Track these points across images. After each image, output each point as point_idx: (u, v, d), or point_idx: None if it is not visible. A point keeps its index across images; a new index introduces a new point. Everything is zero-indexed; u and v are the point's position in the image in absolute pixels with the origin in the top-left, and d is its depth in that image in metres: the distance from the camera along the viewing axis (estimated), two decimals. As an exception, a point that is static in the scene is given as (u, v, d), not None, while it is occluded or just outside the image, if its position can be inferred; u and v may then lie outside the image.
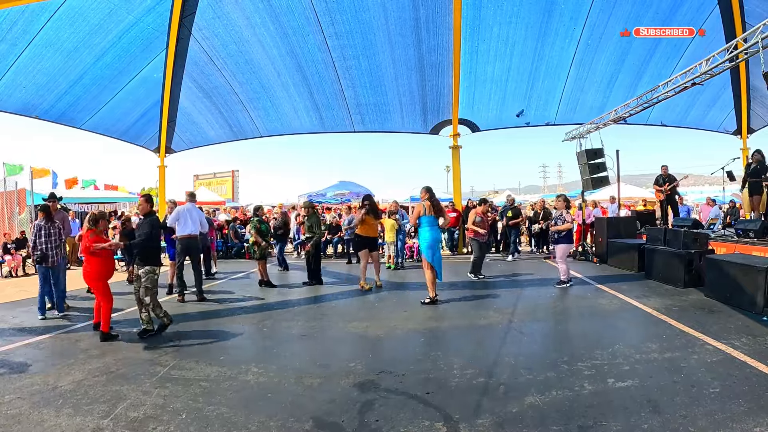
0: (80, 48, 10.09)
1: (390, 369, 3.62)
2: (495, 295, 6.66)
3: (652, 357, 3.70)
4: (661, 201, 10.91)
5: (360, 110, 13.55)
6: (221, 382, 3.36)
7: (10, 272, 9.95)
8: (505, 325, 4.92)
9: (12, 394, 3.24)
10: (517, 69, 12.11)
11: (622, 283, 7.20)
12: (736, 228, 8.03)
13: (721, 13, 10.51)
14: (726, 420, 2.57)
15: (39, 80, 10.42)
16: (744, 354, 3.64)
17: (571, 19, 10.80)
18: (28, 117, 11.29)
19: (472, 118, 13.41)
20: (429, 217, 6.07)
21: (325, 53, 11.52)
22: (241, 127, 14.53)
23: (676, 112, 13.88)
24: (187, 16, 10.60)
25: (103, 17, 9.64)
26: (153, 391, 3.26)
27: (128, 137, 13.85)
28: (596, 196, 14.93)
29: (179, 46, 11.28)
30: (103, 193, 17.62)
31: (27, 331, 5.15)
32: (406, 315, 5.47)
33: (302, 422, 2.71)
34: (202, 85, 12.75)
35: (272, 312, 5.89)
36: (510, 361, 3.74)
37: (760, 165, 8.57)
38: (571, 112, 13.33)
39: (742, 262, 5.42)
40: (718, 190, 12.60)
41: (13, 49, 9.40)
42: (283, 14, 10.55)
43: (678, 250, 6.85)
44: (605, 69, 12.13)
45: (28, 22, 9.05)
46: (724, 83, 12.55)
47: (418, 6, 10.49)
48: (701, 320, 4.78)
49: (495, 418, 2.73)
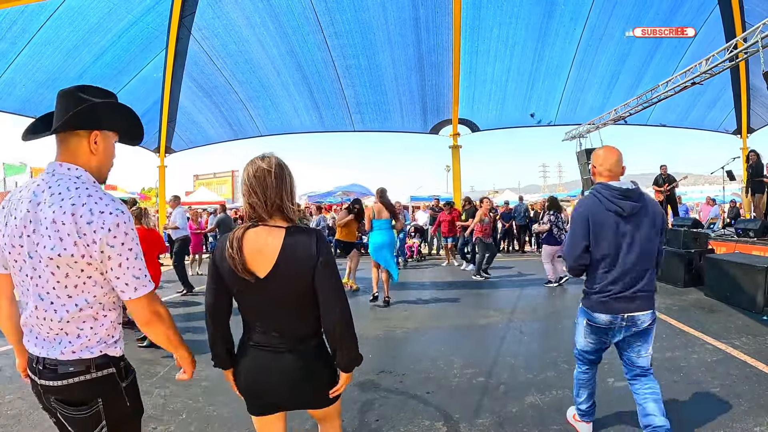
0: (80, 47, 10.08)
1: (390, 369, 3.62)
2: (495, 295, 6.66)
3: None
4: (660, 201, 10.91)
5: (360, 109, 13.54)
6: (222, 382, 3.34)
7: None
8: (505, 324, 4.92)
9: (12, 394, 3.24)
10: (517, 69, 12.10)
11: (622, 282, 7.20)
12: (735, 227, 8.04)
13: (721, 13, 10.51)
14: (726, 420, 2.57)
15: (38, 78, 10.42)
16: (744, 353, 3.64)
17: (571, 20, 10.80)
18: (27, 117, 11.29)
19: (472, 118, 13.41)
20: (377, 221, 5.96)
21: (325, 53, 11.52)
22: (241, 126, 14.52)
23: (676, 113, 13.88)
24: (187, 15, 10.60)
25: (103, 16, 9.64)
26: (153, 390, 3.26)
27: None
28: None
29: (179, 45, 11.27)
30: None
31: (27, 331, 5.15)
32: (406, 315, 5.47)
33: (302, 422, 2.71)
34: (202, 84, 12.74)
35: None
36: (510, 360, 3.74)
37: (756, 164, 8.60)
38: (572, 112, 13.32)
39: (741, 262, 5.43)
40: (718, 190, 12.60)
41: (12, 47, 9.39)
42: (283, 14, 10.55)
43: (678, 250, 6.85)
44: (606, 69, 12.12)
45: (28, 21, 9.04)
46: (724, 83, 12.55)
47: (418, 6, 10.49)
48: (701, 320, 4.79)
49: (495, 417, 2.73)
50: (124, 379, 1.30)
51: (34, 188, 1.21)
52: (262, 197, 1.41)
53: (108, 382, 1.26)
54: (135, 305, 1.25)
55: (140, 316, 1.27)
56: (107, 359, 1.26)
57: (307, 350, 1.49)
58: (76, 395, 1.22)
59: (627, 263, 2.18)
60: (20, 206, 1.20)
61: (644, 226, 2.19)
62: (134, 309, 1.26)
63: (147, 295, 1.26)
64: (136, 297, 1.23)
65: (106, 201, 1.19)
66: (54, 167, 1.23)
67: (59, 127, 1.22)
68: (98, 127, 1.27)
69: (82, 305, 1.21)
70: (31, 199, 1.19)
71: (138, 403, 1.37)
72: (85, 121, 1.24)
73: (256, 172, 1.42)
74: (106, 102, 1.30)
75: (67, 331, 1.21)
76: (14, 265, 1.25)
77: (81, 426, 1.23)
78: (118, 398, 1.28)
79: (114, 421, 1.26)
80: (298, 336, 1.48)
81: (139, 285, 1.23)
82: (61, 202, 1.16)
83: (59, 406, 1.23)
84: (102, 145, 1.29)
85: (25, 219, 1.18)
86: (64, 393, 1.22)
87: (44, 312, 1.20)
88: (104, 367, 1.25)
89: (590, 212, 2.22)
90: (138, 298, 1.24)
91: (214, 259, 1.47)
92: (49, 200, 1.17)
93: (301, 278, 1.40)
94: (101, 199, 1.19)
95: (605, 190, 2.22)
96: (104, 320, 1.26)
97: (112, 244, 1.17)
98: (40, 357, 1.23)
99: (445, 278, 8.44)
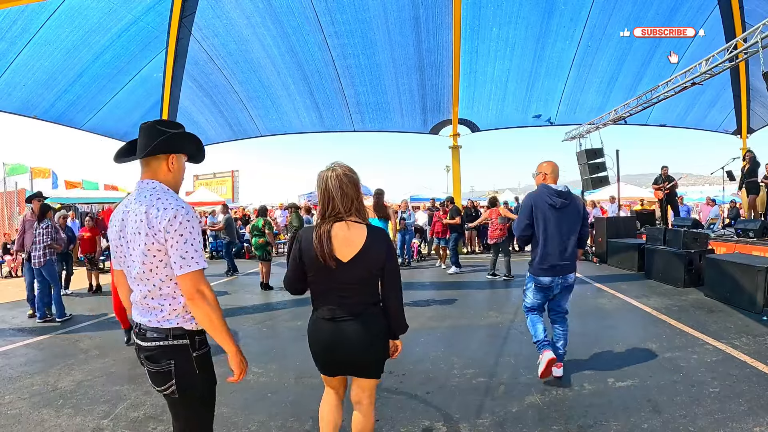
0: (79, 46, 10.08)
1: (390, 369, 3.61)
2: (495, 295, 6.66)
3: (652, 357, 3.70)
4: (660, 200, 10.90)
5: (360, 109, 13.55)
6: (221, 382, 3.36)
7: (10, 272, 9.95)
8: (505, 324, 4.92)
9: (12, 394, 3.25)
10: (517, 69, 12.10)
11: (622, 282, 7.21)
12: (735, 228, 8.04)
13: (721, 13, 10.51)
14: (726, 420, 2.57)
15: (39, 77, 10.41)
16: (744, 354, 3.64)
17: (571, 20, 10.80)
18: (26, 117, 11.28)
19: (472, 118, 13.42)
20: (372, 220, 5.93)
21: (325, 52, 11.52)
22: (241, 126, 14.53)
23: (676, 113, 13.89)
24: (187, 15, 10.60)
25: (103, 15, 9.64)
26: (153, 391, 3.23)
27: (129, 139, 13.81)
28: (596, 196, 14.94)
29: (179, 45, 11.27)
30: (103, 193, 17.58)
31: (27, 331, 5.15)
32: (406, 315, 5.46)
33: (302, 422, 2.71)
34: (202, 84, 12.74)
35: (272, 312, 5.90)
36: (510, 360, 3.74)
37: (752, 164, 8.60)
38: (571, 112, 13.33)
39: (741, 262, 5.42)
40: (718, 190, 12.60)
41: (12, 47, 9.39)
42: (283, 14, 10.55)
43: (678, 250, 6.85)
44: (605, 70, 12.13)
45: (29, 20, 9.04)
46: (724, 83, 12.55)
47: (418, 5, 10.50)
48: (701, 320, 4.79)
49: (495, 417, 2.74)
50: (197, 350, 1.61)
51: (126, 202, 1.64)
52: (343, 199, 1.78)
53: (181, 349, 1.58)
54: (181, 280, 1.52)
55: (184, 291, 1.53)
56: (183, 331, 1.58)
57: (368, 319, 1.84)
58: (155, 356, 1.57)
59: (557, 241, 3.17)
60: (117, 216, 1.64)
61: (570, 215, 3.22)
62: (180, 284, 1.53)
63: (192, 273, 1.51)
64: (182, 273, 1.51)
65: (170, 200, 1.55)
66: (139, 184, 1.64)
67: (146, 154, 1.62)
68: (174, 151, 1.67)
69: (158, 284, 1.56)
70: (124, 210, 1.62)
71: (208, 373, 1.68)
72: (164, 148, 1.63)
73: (338, 178, 1.79)
74: (179, 132, 1.68)
75: (153, 306, 1.57)
76: (123, 261, 1.65)
77: (157, 380, 1.60)
78: (188, 364, 1.59)
79: (183, 383, 1.58)
80: (362, 307, 1.84)
81: (185, 264, 1.51)
82: (139, 207, 1.54)
83: (145, 362, 1.61)
84: (176, 164, 1.68)
85: (120, 225, 1.62)
86: (148, 352, 1.59)
87: (138, 292, 1.60)
88: (180, 337, 1.58)
89: (534, 202, 3.25)
90: (183, 275, 1.51)
91: (300, 248, 1.83)
92: (133, 209, 1.57)
93: (375, 263, 1.80)
94: (167, 200, 1.55)
95: (546, 189, 3.26)
96: (181, 299, 1.57)
97: (169, 231, 1.50)
98: (138, 323, 1.63)
99: (445, 278, 8.44)
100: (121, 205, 1.66)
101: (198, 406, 1.68)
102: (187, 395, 1.61)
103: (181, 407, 1.66)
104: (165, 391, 1.60)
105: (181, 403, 1.64)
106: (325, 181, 1.80)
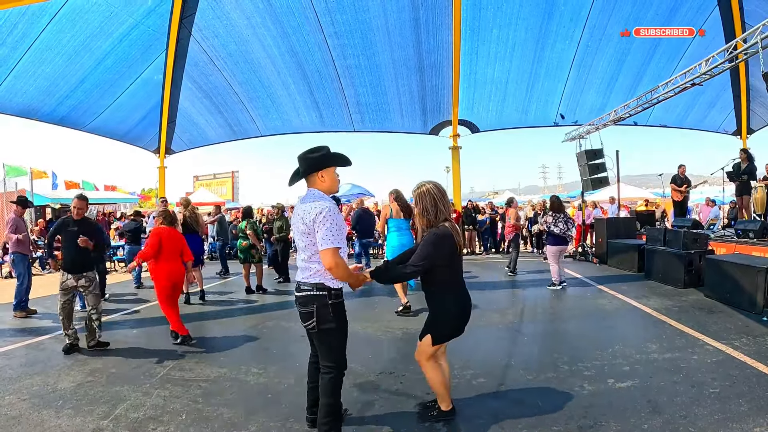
0: (81, 51, 10.07)
1: (390, 369, 3.62)
2: (495, 296, 6.66)
3: (652, 357, 3.69)
4: (678, 201, 10.58)
5: (360, 110, 13.57)
6: (221, 382, 3.36)
7: (10, 273, 9.95)
8: (505, 325, 4.92)
9: (12, 394, 3.24)
10: (517, 70, 12.12)
11: (622, 283, 7.20)
12: (735, 228, 8.03)
13: (721, 14, 10.52)
14: (726, 420, 2.57)
15: (40, 84, 10.41)
16: (744, 354, 3.64)
17: (571, 21, 10.81)
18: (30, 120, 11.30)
19: (472, 119, 13.43)
20: (395, 221, 5.79)
21: (325, 52, 11.54)
22: (241, 126, 14.54)
23: (676, 113, 13.89)
24: (187, 16, 10.61)
25: (104, 19, 9.64)
26: (153, 391, 3.26)
27: (129, 139, 13.85)
28: (596, 196, 14.93)
29: (179, 46, 11.29)
30: (102, 194, 17.57)
31: (27, 332, 5.15)
32: (406, 315, 5.46)
33: (302, 422, 2.71)
34: (202, 85, 12.76)
35: (272, 313, 5.89)
36: (510, 361, 3.74)
37: (748, 164, 8.57)
38: (571, 112, 13.34)
39: (741, 263, 5.42)
40: (718, 191, 12.59)
41: (13, 53, 9.38)
42: (283, 14, 10.57)
43: (678, 251, 6.85)
44: (605, 70, 12.14)
45: (29, 25, 9.03)
46: (724, 84, 12.55)
47: (418, 6, 10.51)
48: (701, 320, 4.78)
49: (495, 418, 2.74)
50: (332, 300, 2.33)
51: (300, 202, 2.43)
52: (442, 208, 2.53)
53: (321, 298, 2.31)
54: (322, 254, 2.23)
55: (325, 262, 2.24)
56: (324, 287, 2.31)
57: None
58: (305, 301, 2.35)
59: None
60: (296, 210, 2.41)
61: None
62: (322, 257, 2.24)
63: (329, 250, 2.22)
64: (322, 249, 2.23)
65: (320, 200, 2.31)
66: (307, 191, 2.42)
67: (301, 177, 2.46)
68: (321, 169, 2.39)
69: (311, 254, 2.31)
70: (299, 206, 2.39)
71: (339, 320, 2.37)
72: (310, 170, 2.39)
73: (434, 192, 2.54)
74: (319, 156, 2.40)
75: (305, 267, 2.35)
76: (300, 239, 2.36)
77: (304, 318, 2.36)
78: (325, 309, 2.31)
79: (321, 323, 2.31)
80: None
81: (324, 243, 2.22)
82: (304, 205, 2.33)
83: (297, 306, 2.41)
84: (326, 176, 2.41)
85: (295, 215, 2.40)
86: (300, 299, 2.38)
87: (300, 259, 2.39)
88: (321, 289, 2.31)
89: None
90: (324, 250, 2.22)
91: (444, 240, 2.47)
92: (300, 206, 2.36)
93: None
94: (319, 200, 2.30)
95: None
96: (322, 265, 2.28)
97: (317, 221, 2.23)
98: (297, 280, 2.42)
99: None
100: (299, 203, 2.43)
101: (331, 338, 2.36)
102: (323, 330, 2.33)
103: (321, 338, 2.37)
104: (308, 326, 2.35)
105: (318, 335, 2.36)
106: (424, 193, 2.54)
